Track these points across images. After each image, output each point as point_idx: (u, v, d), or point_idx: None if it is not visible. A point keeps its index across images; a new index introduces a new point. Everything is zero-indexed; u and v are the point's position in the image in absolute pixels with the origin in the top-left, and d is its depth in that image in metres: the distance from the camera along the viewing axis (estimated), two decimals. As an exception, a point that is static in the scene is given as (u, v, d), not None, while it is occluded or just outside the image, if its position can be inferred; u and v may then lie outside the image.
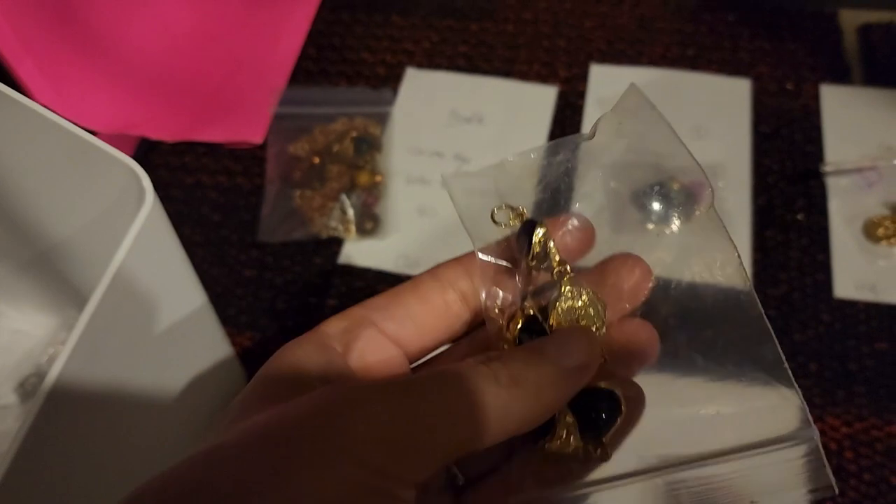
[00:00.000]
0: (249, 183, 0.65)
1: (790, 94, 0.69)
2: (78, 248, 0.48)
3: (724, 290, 0.25)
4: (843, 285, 0.59)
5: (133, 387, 0.41)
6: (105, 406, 0.38)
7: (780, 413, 0.22)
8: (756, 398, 0.23)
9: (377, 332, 0.26)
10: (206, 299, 0.49)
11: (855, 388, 0.55)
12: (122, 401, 0.40)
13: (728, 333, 0.25)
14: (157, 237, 0.40)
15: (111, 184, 0.40)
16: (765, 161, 0.65)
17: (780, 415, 0.22)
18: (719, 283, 0.26)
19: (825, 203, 0.63)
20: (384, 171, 0.64)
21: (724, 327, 0.25)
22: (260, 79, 0.70)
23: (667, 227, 0.61)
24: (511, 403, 0.22)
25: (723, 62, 0.71)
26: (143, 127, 0.67)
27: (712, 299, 0.25)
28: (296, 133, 0.66)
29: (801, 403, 0.23)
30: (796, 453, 0.22)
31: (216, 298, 0.59)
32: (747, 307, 0.24)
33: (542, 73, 0.71)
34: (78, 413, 0.36)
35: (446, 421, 0.21)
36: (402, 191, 0.64)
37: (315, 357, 0.25)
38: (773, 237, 0.61)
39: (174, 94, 0.69)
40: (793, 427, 0.22)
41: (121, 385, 0.40)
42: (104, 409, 0.38)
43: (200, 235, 0.63)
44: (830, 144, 0.66)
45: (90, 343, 0.35)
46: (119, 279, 0.36)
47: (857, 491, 0.51)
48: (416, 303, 0.27)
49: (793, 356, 0.56)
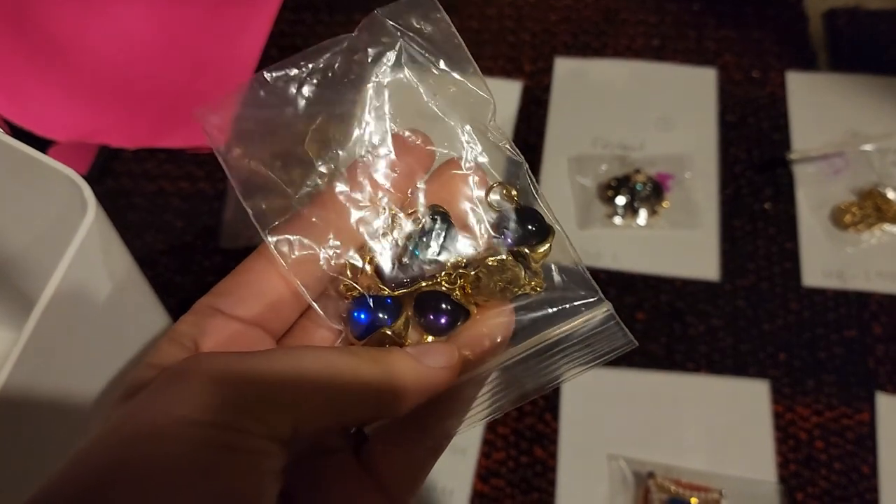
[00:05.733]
0: (212, 188, 0.64)
1: (756, 83, 0.69)
2: (29, 261, 0.47)
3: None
4: (811, 273, 0.58)
5: (86, 397, 0.41)
6: (55, 416, 0.37)
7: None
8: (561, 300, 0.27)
9: (227, 319, 0.25)
10: (161, 307, 0.48)
11: (824, 377, 0.54)
12: (74, 410, 0.39)
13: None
14: (102, 247, 0.39)
15: (54, 195, 0.39)
16: (731, 150, 0.65)
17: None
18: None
19: (793, 191, 0.62)
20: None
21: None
22: (221, 83, 0.69)
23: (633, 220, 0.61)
24: (360, 367, 0.23)
25: (688, 52, 0.71)
26: (103, 135, 0.66)
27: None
28: (258, 136, 0.65)
29: (596, 288, 0.26)
30: (595, 321, 0.26)
31: (180, 305, 0.58)
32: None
33: (506, 68, 0.70)
34: (25, 424, 0.35)
35: (290, 378, 0.21)
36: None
37: (170, 358, 0.24)
38: (740, 227, 0.61)
39: (134, 101, 0.68)
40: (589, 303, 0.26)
41: (72, 396, 0.39)
42: (54, 420, 0.37)
43: (164, 243, 0.62)
44: (797, 132, 0.65)
45: (35, 356, 0.34)
46: (63, 291, 0.35)
47: (827, 480, 0.51)
48: (259, 279, 0.26)
49: (762, 346, 0.56)
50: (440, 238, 0.26)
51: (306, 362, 0.22)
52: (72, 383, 0.40)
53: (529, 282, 0.26)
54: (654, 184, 0.62)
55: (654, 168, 0.63)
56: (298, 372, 0.22)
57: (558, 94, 0.69)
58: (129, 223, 0.63)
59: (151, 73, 0.69)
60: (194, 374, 0.21)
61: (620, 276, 0.59)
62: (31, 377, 0.35)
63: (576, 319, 0.26)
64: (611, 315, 0.26)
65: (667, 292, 0.58)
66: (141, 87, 0.69)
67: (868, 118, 0.65)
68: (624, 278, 0.59)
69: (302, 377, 0.22)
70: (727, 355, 0.56)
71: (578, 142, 0.66)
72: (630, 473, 0.51)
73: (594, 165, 0.64)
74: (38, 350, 0.34)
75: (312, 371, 0.22)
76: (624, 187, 0.61)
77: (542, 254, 0.26)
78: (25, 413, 0.35)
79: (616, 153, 0.65)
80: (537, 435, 0.53)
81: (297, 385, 0.22)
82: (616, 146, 0.65)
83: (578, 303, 0.26)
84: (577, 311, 0.26)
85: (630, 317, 0.57)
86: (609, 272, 0.59)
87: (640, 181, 0.61)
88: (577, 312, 0.26)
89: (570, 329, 0.26)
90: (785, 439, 0.52)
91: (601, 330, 0.26)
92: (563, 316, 0.26)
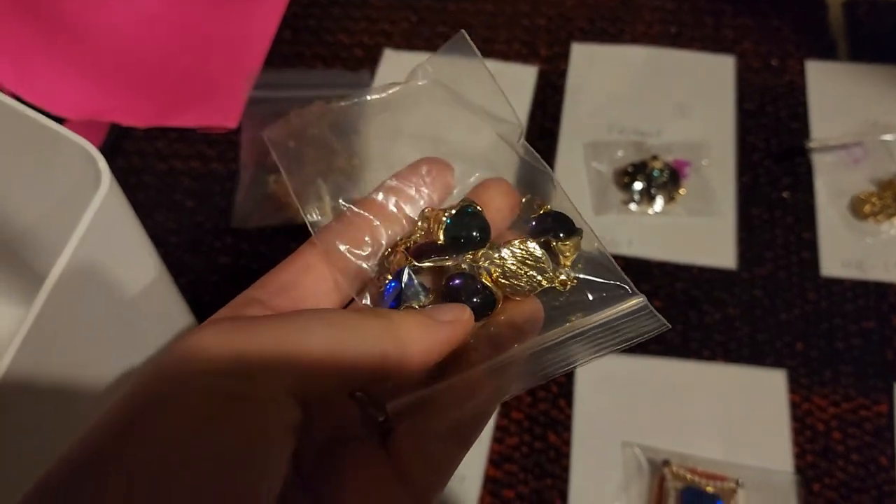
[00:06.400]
0: (224, 168, 0.64)
1: (775, 71, 0.68)
2: (40, 235, 0.46)
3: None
4: (829, 263, 0.58)
5: (96, 376, 0.40)
6: (63, 394, 0.37)
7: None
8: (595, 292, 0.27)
9: (265, 309, 0.25)
10: (174, 287, 0.48)
11: (842, 368, 0.54)
12: (83, 390, 0.39)
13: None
14: (115, 221, 0.38)
15: (68, 168, 0.39)
16: (749, 138, 0.64)
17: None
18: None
19: (811, 180, 0.62)
20: (361, 156, 0.63)
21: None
22: (234, 62, 0.68)
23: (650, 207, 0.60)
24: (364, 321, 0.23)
25: (706, 39, 0.70)
26: (113, 113, 0.65)
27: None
28: (271, 117, 0.65)
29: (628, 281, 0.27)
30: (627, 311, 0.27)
31: (190, 286, 0.58)
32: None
33: (522, 52, 0.70)
34: (33, 402, 0.34)
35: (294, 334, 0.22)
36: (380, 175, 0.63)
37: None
38: (758, 215, 0.60)
39: (146, 80, 0.67)
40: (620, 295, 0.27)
41: (80, 373, 0.38)
42: (62, 398, 0.37)
43: (174, 222, 0.61)
44: (816, 121, 0.65)
45: (45, 331, 0.33)
46: (75, 265, 0.35)
47: (845, 472, 0.50)
48: (300, 271, 0.26)
49: (779, 335, 0.55)
50: (471, 226, 0.26)
51: (312, 322, 0.23)
52: (81, 362, 0.39)
53: (557, 276, 0.26)
54: (670, 170, 0.61)
55: (670, 155, 0.62)
56: (302, 328, 0.22)
57: (574, 79, 0.68)
58: (139, 202, 0.62)
59: (163, 52, 0.68)
60: (204, 334, 0.21)
61: (636, 263, 0.58)
62: (40, 356, 0.34)
63: (609, 310, 0.26)
64: (645, 305, 0.27)
65: (683, 280, 0.58)
66: (153, 66, 0.68)
67: (888, 108, 0.64)
68: (639, 265, 0.58)
69: (305, 332, 0.22)
70: (743, 344, 0.55)
71: (594, 127, 0.65)
72: (645, 461, 0.50)
73: (610, 151, 0.63)
74: (46, 328, 0.33)
75: (317, 327, 0.22)
76: (640, 173, 0.61)
77: (570, 249, 0.27)
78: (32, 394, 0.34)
79: (632, 139, 0.64)
80: (551, 421, 0.52)
81: (300, 340, 0.22)
82: (632, 132, 0.65)
83: (611, 293, 0.27)
84: (610, 302, 0.27)
85: (645, 304, 0.57)
86: (625, 258, 0.58)
87: (657, 167, 0.60)
88: (609, 303, 0.27)
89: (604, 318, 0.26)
90: (802, 430, 0.52)
91: (634, 317, 0.27)
92: (596, 307, 0.27)
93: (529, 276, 0.26)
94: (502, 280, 0.26)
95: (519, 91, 0.67)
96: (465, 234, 0.26)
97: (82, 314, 0.38)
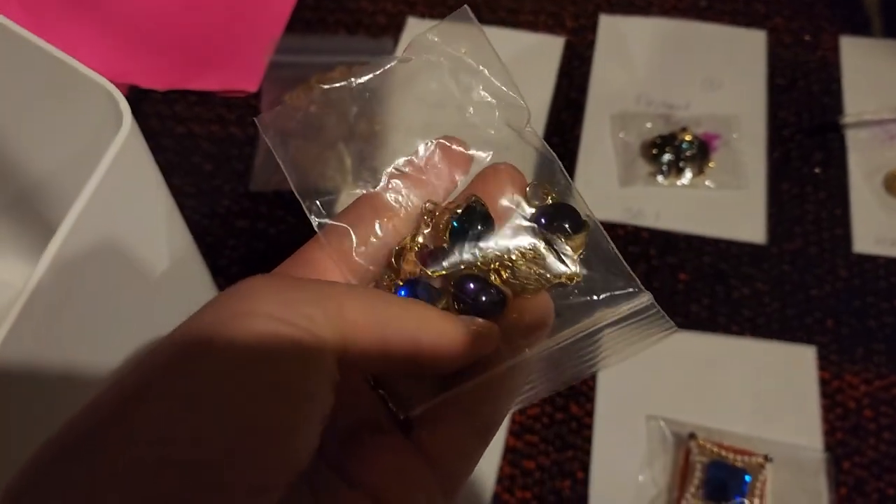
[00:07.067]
0: (243, 133, 0.63)
1: (807, 46, 0.66)
2: (57, 185, 0.45)
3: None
4: (862, 240, 0.56)
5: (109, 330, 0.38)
6: (74, 350, 0.35)
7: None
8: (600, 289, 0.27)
9: None
10: (193, 245, 0.46)
11: (874, 346, 0.52)
12: (96, 345, 0.37)
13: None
14: (135, 168, 0.37)
15: (88, 110, 0.37)
16: (781, 113, 0.63)
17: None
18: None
19: (844, 156, 0.60)
20: (383, 121, 0.61)
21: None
22: (256, 26, 0.67)
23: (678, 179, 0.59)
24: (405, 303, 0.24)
25: (736, 13, 0.68)
26: (133, 75, 0.64)
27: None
28: (292, 82, 0.64)
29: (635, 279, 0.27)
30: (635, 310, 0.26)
31: (207, 249, 0.57)
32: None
33: (548, 23, 0.68)
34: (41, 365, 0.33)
35: (338, 291, 0.22)
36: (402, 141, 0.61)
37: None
38: (788, 191, 0.59)
39: (166, 43, 0.66)
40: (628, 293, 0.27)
41: (94, 328, 0.37)
42: (72, 353, 0.35)
43: (192, 185, 0.60)
44: (850, 97, 0.63)
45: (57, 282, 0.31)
46: (91, 213, 0.33)
47: (876, 450, 0.49)
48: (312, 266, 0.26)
49: (809, 311, 0.53)
50: (478, 226, 0.26)
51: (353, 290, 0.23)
52: (94, 316, 0.37)
53: (564, 272, 0.26)
54: (700, 143, 0.59)
55: (699, 128, 0.61)
56: (344, 293, 0.22)
57: (602, 51, 0.66)
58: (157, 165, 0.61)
59: (185, 15, 0.67)
60: (251, 282, 0.22)
61: (663, 235, 0.57)
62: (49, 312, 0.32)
63: (616, 309, 0.26)
64: (652, 304, 0.26)
65: (710, 254, 0.56)
66: (174, 29, 0.67)
67: (924, 86, 0.63)
68: (666, 237, 0.57)
69: (348, 297, 0.22)
70: (772, 319, 0.53)
71: (622, 99, 0.63)
72: (670, 434, 0.49)
73: (638, 123, 0.61)
74: (57, 282, 0.32)
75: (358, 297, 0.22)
76: (669, 145, 0.59)
77: (577, 245, 0.27)
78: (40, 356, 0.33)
79: (660, 112, 0.63)
80: (573, 391, 0.51)
81: (342, 299, 0.22)
82: (660, 105, 0.63)
83: (618, 292, 0.27)
84: (617, 301, 0.27)
85: (672, 277, 0.55)
86: (651, 230, 0.57)
87: (686, 139, 0.59)
88: (617, 302, 0.27)
89: (611, 318, 0.26)
90: (832, 407, 0.50)
91: (642, 318, 0.27)
92: (603, 306, 0.27)
93: (538, 273, 0.26)
94: (512, 280, 0.26)
95: (545, 62, 0.66)
96: (470, 232, 0.26)
97: (95, 267, 0.36)
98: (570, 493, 0.48)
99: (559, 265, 0.26)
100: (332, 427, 0.22)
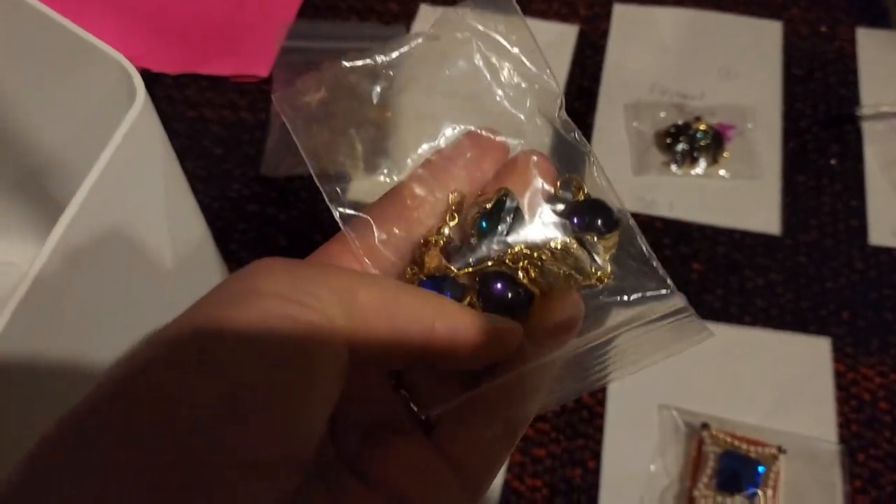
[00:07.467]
0: (254, 117, 0.62)
1: (824, 37, 0.65)
2: (67, 163, 0.45)
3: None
4: (878, 232, 0.55)
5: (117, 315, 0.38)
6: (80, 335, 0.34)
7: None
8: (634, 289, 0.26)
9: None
10: (205, 225, 0.46)
11: (890, 338, 0.52)
12: (103, 330, 0.36)
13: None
14: (147, 144, 0.36)
15: (102, 84, 0.37)
16: (797, 104, 0.62)
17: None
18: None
19: (860, 148, 0.59)
20: (406, 104, 0.61)
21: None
22: (267, 11, 0.67)
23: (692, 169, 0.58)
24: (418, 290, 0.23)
25: (752, 4, 0.68)
26: (145, 59, 0.64)
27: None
28: (303, 67, 0.63)
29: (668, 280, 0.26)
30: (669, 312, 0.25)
31: (218, 233, 0.56)
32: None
33: (561, 11, 0.68)
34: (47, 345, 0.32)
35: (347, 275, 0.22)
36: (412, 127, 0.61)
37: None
38: (804, 182, 0.58)
39: (178, 27, 0.66)
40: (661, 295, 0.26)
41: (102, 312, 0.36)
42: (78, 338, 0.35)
43: (203, 169, 0.60)
44: (867, 88, 0.62)
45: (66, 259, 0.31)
46: (102, 189, 0.32)
47: (891, 443, 0.48)
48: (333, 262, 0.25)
49: (823, 303, 0.53)
50: (507, 221, 0.25)
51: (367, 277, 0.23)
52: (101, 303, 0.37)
53: (595, 271, 0.25)
54: (714, 133, 0.59)
55: (714, 118, 0.60)
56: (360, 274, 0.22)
57: (616, 40, 0.66)
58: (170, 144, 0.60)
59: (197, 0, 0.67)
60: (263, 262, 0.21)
61: (676, 225, 0.56)
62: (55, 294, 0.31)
63: (648, 310, 0.25)
64: (686, 307, 0.25)
65: (724, 244, 0.56)
66: (185, 13, 0.66)
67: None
68: (680, 227, 0.56)
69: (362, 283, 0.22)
70: (786, 311, 0.53)
71: (636, 88, 0.63)
72: (682, 424, 0.48)
73: (652, 112, 0.61)
74: (66, 258, 0.31)
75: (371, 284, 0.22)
76: (683, 135, 0.59)
77: (609, 245, 0.26)
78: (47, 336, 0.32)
79: (675, 101, 0.62)
80: (585, 380, 0.50)
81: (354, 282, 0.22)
82: (675, 94, 0.63)
83: (650, 293, 0.26)
84: (649, 302, 0.26)
85: (685, 267, 0.55)
86: (664, 220, 0.56)
87: (700, 129, 0.58)
88: (648, 303, 0.26)
89: (643, 320, 0.25)
90: (847, 399, 0.49)
91: (674, 320, 0.25)
92: (634, 307, 0.26)
93: (567, 273, 0.25)
94: (539, 279, 0.25)
95: (558, 50, 0.65)
96: (499, 227, 0.25)
97: (108, 240, 0.36)
98: (581, 481, 0.48)
99: (589, 265, 0.25)
100: (352, 425, 0.21)
